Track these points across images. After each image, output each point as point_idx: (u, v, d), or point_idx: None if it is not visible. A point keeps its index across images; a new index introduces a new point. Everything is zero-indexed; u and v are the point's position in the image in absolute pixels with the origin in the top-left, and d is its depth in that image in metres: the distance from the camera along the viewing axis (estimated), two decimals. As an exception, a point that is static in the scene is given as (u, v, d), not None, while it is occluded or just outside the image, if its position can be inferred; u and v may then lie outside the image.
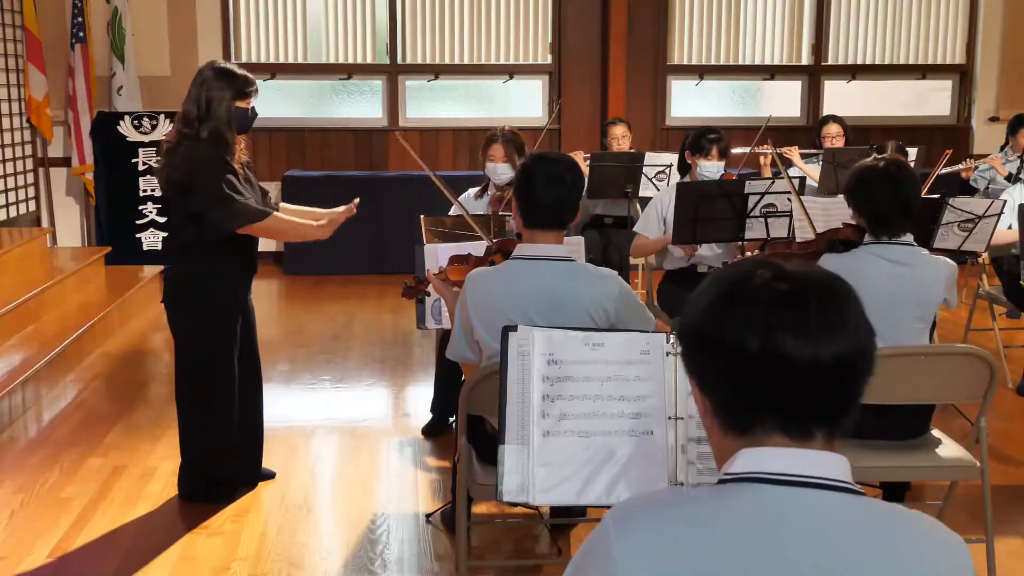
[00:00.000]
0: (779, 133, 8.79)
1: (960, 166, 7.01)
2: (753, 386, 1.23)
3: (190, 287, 3.78)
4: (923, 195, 5.16)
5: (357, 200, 4.01)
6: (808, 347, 1.21)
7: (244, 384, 3.94)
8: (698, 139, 4.97)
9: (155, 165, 3.81)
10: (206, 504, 3.85)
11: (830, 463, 1.25)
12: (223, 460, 3.89)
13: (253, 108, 3.78)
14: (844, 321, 1.23)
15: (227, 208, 3.61)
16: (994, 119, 9.15)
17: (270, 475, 4.16)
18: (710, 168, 4.90)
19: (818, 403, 1.24)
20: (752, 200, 4.67)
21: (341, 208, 4.01)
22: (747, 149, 6.72)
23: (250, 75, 3.78)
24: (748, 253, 4.62)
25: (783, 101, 9.30)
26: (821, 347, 1.21)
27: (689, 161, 5.01)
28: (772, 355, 1.21)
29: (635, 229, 5.11)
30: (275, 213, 3.74)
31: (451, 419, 4.51)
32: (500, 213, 4.44)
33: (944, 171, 6.89)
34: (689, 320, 1.29)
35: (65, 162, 8.34)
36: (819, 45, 9.15)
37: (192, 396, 3.87)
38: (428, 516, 3.78)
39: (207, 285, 3.77)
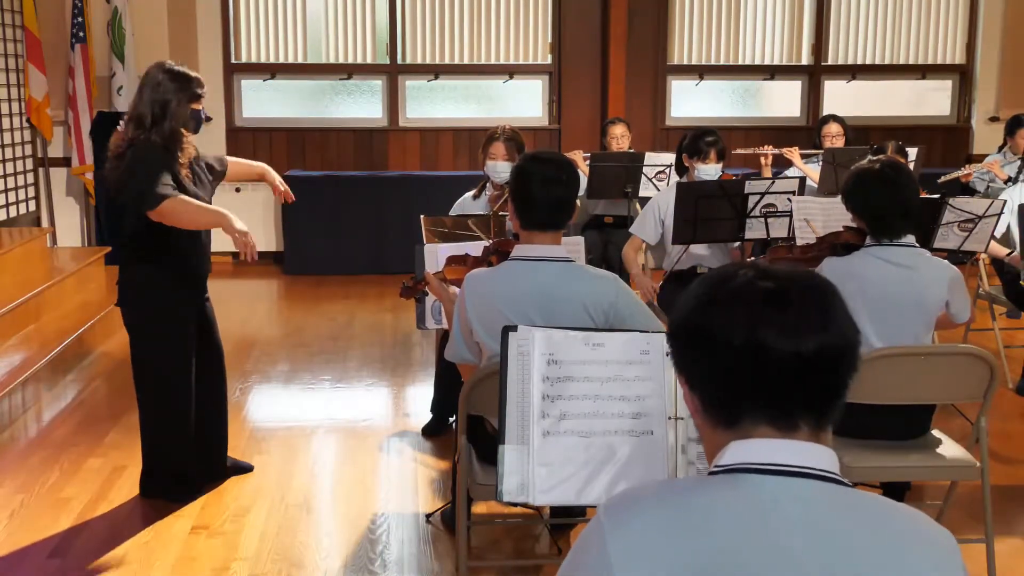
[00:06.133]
0: (779, 133, 8.80)
1: (958, 172, 7.01)
2: (739, 380, 1.27)
3: (140, 290, 3.81)
4: (923, 196, 5.18)
5: (287, 194, 4.10)
6: (791, 342, 1.24)
7: (207, 381, 3.98)
8: (695, 142, 4.93)
9: (106, 175, 3.75)
10: (168, 502, 3.87)
11: (818, 454, 1.27)
12: (181, 459, 3.92)
13: (203, 110, 3.79)
14: (827, 317, 1.27)
15: (142, 194, 3.52)
16: (994, 119, 9.15)
17: (247, 467, 4.19)
18: (708, 171, 4.88)
19: (803, 395, 1.27)
20: (752, 200, 4.68)
21: (277, 180, 4.06)
22: (749, 150, 6.73)
23: (199, 76, 3.78)
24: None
25: (783, 101, 9.30)
26: (804, 342, 1.25)
27: (687, 164, 4.99)
28: (757, 350, 1.25)
29: (631, 230, 5.09)
30: (176, 196, 3.55)
31: (451, 419, 4.51)
32: (500, 213, 4.44)
33: (943, 179, 6.90)
34: (676, 320, 1.34)
35: (65, 162, 8.34)
36: (819, 45, 9.15)
37: (148, 396, 3.92)
38: (428, 516, 3.78)
39: (156, 288, 3.80)
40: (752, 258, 4.68)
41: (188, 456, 3.93)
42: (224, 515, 3.81)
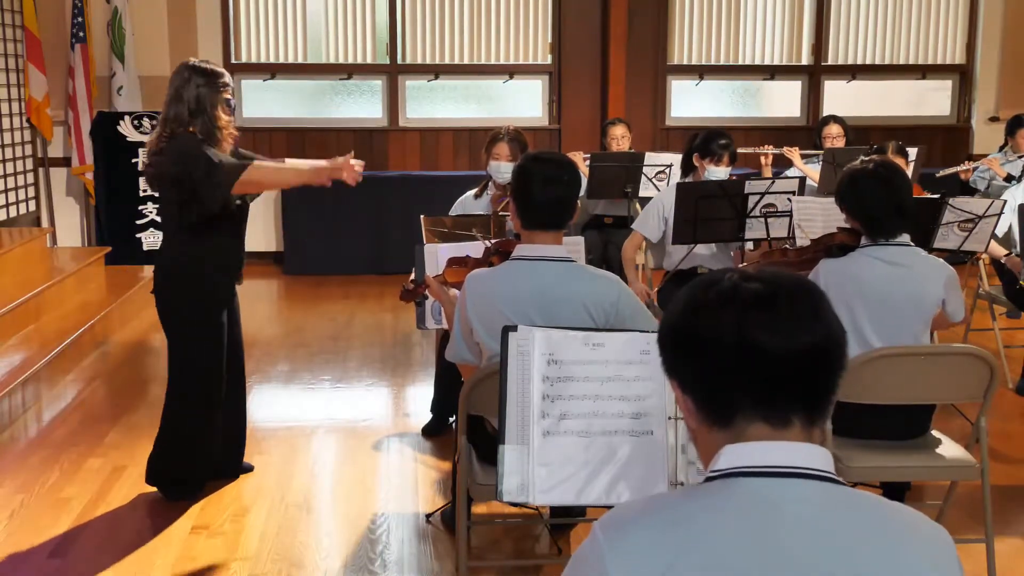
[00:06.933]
0: (779, 133, 8.80)
1: (959, 168, 7.01)
2: (731, 378, 1.28)
3: (178, 279, 3.86)
4: (924, 195, 5.18)
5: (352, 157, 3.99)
6: (783, 341, 1.26)
7: (228, 378, 3.99)
8: (708, 143, 4.92)
9: (143, 167, 3.87)
10: (168, 502, 3.88)
11: (812, 454, 1.28)
12: (196, 458, 3.92)
13: (232, 99, 3.89)
14: (815, 316, 1.29)
15: (216, 176, 3.66)
16: (994, 119, 9.15)
17: (248, 468, 4.20)
18: (718, 173, 4.88)
19: (794, 390, 1.28)
20: (752, 200, 4.68)
21: (339, 160, 3.95)
22: (749, 149, 6.73)
23: (223, 70, 3.90)
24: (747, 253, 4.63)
25: (783, 101, 9.30)
26: (793, 339, 1.26)
27: (697, 164, 4.98)
28: (747, 348, 1.26)
29: (633, 226, 5.09)
30: (254, 163, 3.77)
31: (451, 419, 4.51)
32: (500, 213, 4.44)
33: (943, 173, 6.91)
34: (665, 325, 1.35)
35: (65, 162, 8.34)
36: (819, 45, 9.15)
37: (181, 387, 3.91)
38: (428, 516, 3.78)
39: (194, 278, 3.84)
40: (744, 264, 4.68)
41: (202, 459, 3.93)
42: (224, 515, 3.81)
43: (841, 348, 1.30)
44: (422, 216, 4.42)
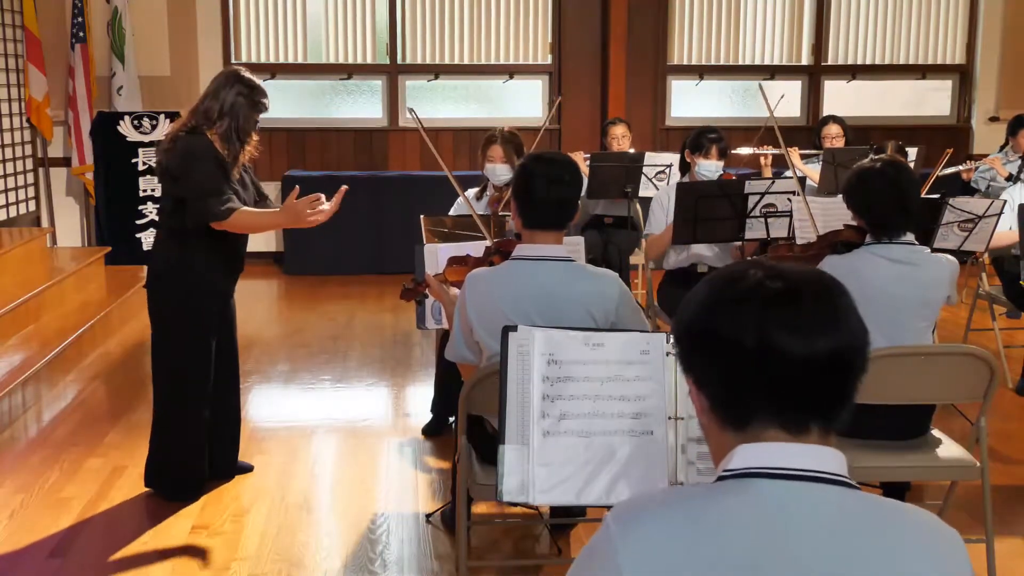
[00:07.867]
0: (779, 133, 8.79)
1: (960, 167, 7.01)
2: (749, 380, 1.25)
3: (171, 274, 3.84)
4: (923, 195, 5.17)
5: (344, 188, 4.00)
6: (802, 343, 1.23)
7: (221, 379, 3.99)
8: (697, 138, 4.99)
9: (156, 156, 3.86)
10: (168, 502, 3.88)
11: (827, 457, 1.26)
12: (190, 457, 3.92)
13: (258, 121, 3.93)
14: (837, 318, 1.26)
15: (207, 203, 3.66)
16: (994, 119, 9.16)
17: (247, 468, 4.19)
18: (708, 167, 4.91)
19: (813, 397, 1.26)
20: (752, 200, 4.68)
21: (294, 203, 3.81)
22: (750, 149, 6.72)
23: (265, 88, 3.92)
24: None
25: (783, 101, 9.27)
26: (815, 342, 1.23)
27: (688, 160, 5.04)
28: (767, 350, 1.23)
29: (646, 231, 5.11)
30: (241, 209, 3.74)
31: (451, 419, 4.51)
32: (500, 213, 4.44)
33: (944, 172, 6.90)
34: (684, 319, 1.31)
35: (65, 162, 8.34)
36: (819, 45, 9.15)
37: (164, 386, 3.91)
38: (428, 516, 3.78)
39: (188, 274, 3.82)
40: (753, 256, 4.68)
41: (196, 458, 3.93)
42: (224, 515, 3.81)
43: (863, 352, 1.27)
44: (422, 216, 4.42)
